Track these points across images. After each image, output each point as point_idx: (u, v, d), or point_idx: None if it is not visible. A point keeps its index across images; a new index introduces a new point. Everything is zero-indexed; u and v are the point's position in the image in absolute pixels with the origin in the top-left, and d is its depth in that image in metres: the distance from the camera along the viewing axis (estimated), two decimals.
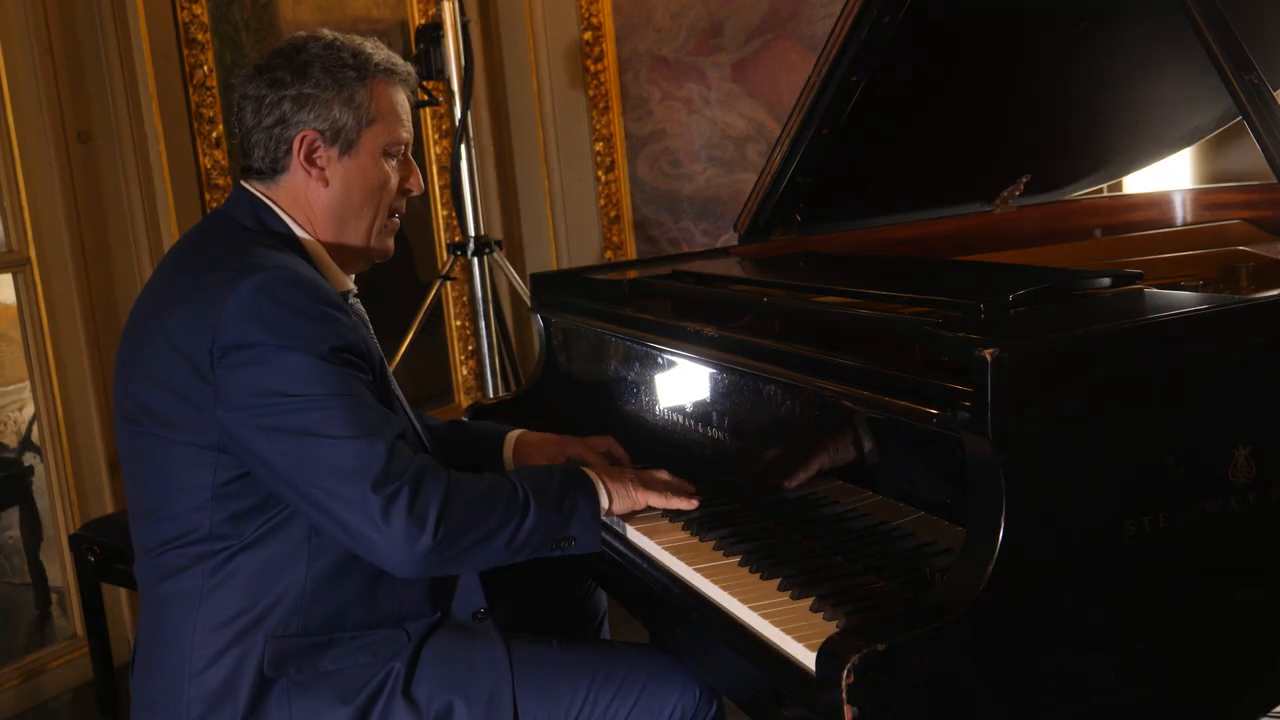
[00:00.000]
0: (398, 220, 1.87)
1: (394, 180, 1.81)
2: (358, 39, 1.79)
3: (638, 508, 1.82)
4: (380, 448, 1.57)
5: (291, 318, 1.59)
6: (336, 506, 1.57)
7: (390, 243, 1.87)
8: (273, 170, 1.77)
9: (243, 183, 1.80)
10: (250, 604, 1.64)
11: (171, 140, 3.48)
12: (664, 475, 1.87)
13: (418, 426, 1.86)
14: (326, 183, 1.77)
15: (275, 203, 1.77)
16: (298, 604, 1.65)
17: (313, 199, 1.77)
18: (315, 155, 1.75)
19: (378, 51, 1.79)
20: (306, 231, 1.78)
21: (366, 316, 1.86)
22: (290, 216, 1.77)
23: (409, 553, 1.57)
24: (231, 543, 1.65)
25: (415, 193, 1.87)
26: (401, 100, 1.81)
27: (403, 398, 1.84)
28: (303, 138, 1.74)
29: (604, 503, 1.77)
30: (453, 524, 1.59)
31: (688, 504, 1.83)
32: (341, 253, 1.81)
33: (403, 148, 1.82)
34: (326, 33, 1.78)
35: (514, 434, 2.10)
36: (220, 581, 1.65)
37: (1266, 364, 1.50)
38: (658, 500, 1.82)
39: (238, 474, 1.63)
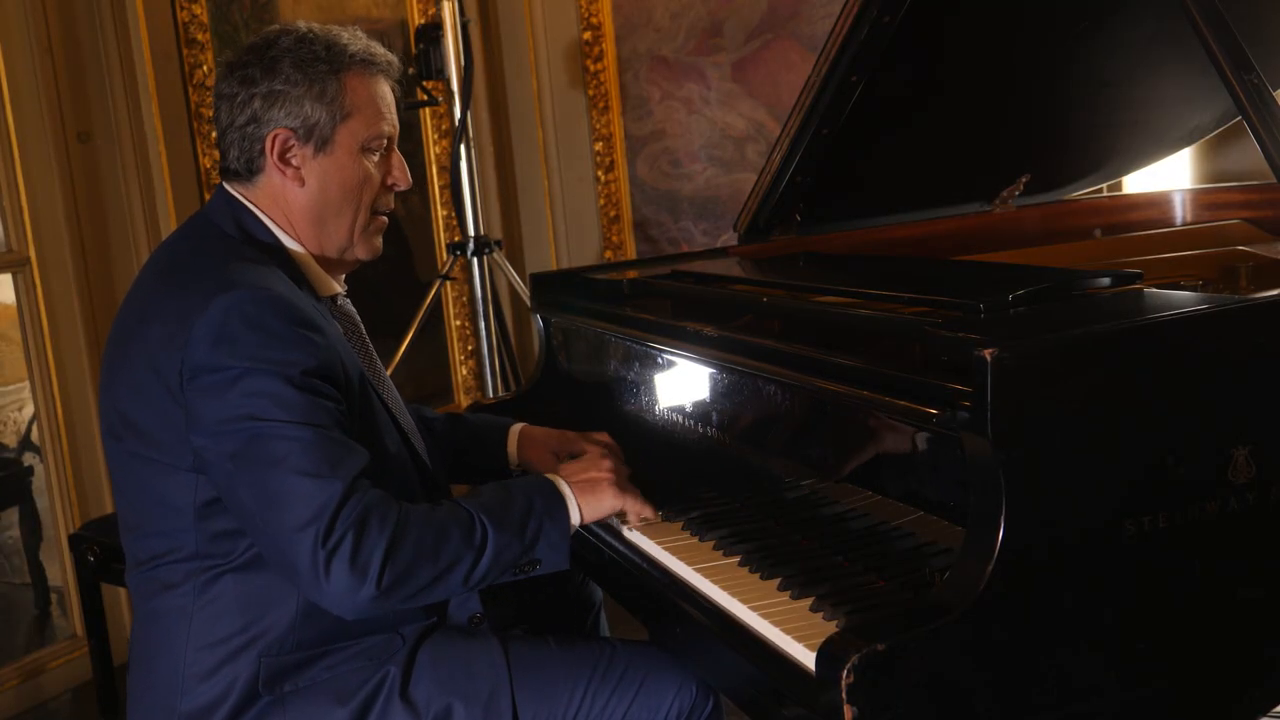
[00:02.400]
0: (385, 219, 1.79)
1: (375, 177, 1.74)
2: (335, 29, 1.71)
3: (612, 514, 1.77)
4: (336, 488, 1.50)
5: (263, 339, 1.54)
6: (282, 543, 1.52)
7: (378, 242, 1.80)
8: (249, 171, 1.71)
9: (223, 184, 1.75)
10: (243, 626, 1.61)
11: (171, 140, 3.48)
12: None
13: (409, 434, 1.80)
14: (303, 182, 1.70)
15: (255, 205, 1.72)
16: (291, 625, 1.62)
17: (290, 199, 1.71)
18: (289, 154, 1.69)
19: (354, 41, 1.71)
20: (290, 236, 1.73)
21: (357, 317, 1.82)
22: (271, 220, 1.72)
23: (351, 602, 1.51)
24: (219, 562, 1.61)
25: (401, 188, 1.79)
26: (382, 91, 1.73)
27: (393, 405, 1.78)
28: (275, 136, 1.68)
29: (574, 518, 1.69)
30: (399, 569, 1.51)
31: (651, 514, 1.81)
32: (326, 256, 1.76)
33: (384, 142, 1.75)
34: (302, 25, 1.71)
35: (516, 428, 2.08)
36: (210, 600, 1.62)
37: (1266, 364, 1.49)
38: (632, 506, 1.78)
39: (217, 495, 1.59)
